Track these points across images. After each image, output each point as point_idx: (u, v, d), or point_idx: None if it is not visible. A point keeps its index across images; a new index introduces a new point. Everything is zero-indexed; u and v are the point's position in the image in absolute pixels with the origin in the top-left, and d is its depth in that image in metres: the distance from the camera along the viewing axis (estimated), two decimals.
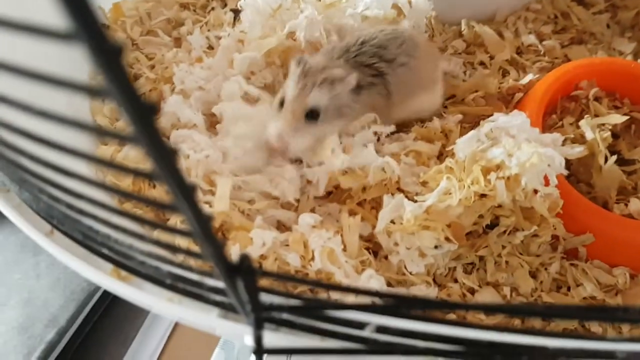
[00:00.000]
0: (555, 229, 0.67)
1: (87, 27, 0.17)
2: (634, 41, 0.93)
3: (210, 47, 0.95)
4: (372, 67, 0.73)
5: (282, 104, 0.69)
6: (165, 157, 0.23)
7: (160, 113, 0.80)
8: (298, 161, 0.73)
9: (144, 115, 0.21)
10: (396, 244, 0.65)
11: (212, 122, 0.82)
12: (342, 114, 0.70)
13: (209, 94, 0.83)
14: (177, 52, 0.92)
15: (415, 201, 0.65)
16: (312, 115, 0.68)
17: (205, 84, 0.83)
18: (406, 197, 0.67)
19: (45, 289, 0.98)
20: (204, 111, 0.82)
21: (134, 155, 0.73)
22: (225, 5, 1.05)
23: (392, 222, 0.65)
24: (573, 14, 0.98)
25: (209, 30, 0.98)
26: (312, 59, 0.71)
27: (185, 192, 0.25)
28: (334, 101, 0.68)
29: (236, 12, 0.98)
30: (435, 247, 0.64)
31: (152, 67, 0.93)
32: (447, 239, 0.63)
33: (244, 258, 0.30)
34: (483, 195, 0.63)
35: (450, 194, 0.63)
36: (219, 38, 0.92)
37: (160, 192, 0.71)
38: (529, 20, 0.98)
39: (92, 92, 0.21)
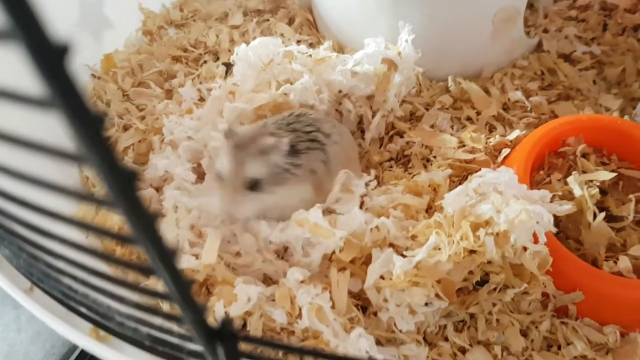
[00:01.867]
0: (545, 286, 0.67)
1: (65, 95, 0.17)
2: (620, 97, 0.95)
3: (202, 99, 0.96)
4: (310, 134, 0.74)
5: (220, 177, 0.68)
6: (144, 222, 0.22)
7: (148, 165, 0.80)
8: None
9: (123, 181, 0.20)
10: (385, 300, 0.64)
11: (201, 173, 0.82)
12: (284, 181, 0.69)
13: (198, 144, 0.83)
14: (167, 103, 0.93)
15: (405, 256, 0.64)
16: (253, 186, 0.67)
17: (195, 134, 0.84)
18: (395, 251, 0.66)
19: (25, 343, 0.95)
20: (192, 160, 0.82)
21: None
22: (218, 58, 1.07)
23: (382, 277, 0.64)
24: (560, 70, 1.00)
25: (200, 83, 0.99)
26: (241, 128, 0.71)
27: (165, 258, 0.24)
28: (272, 169, 0.68)
29: (228, 66, 1.00)
30: (426, 304, 0.62)
31: (143, 118, 0.93)
32: (437, 295, 0.62)
33: (225, 323, 0.30)
34: (472, 252, 0.62)
35: (439, 249, 0.63)
36: (210, 90, 0.93)
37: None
38: (516, 77, 1.00)
39: (69, 156, 0.21)
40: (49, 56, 0.16)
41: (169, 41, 1.10)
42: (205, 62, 1.06)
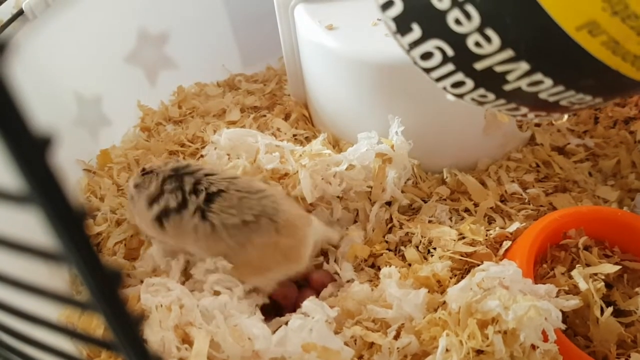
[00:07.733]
0: None
1: (44, 190, 0.16)
2: (617, 189, 0.94)
3: None
4: None
5: None
6: (126, 328, 0.20)
7: (139, 259, 0.77)
8: None
9: (105, 283, 0.18)
10: None
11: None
12: None
13: None
14: None
15: None
16: None
17: None
18: None
19: None
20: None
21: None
22: None
23: None
24: (554, 162, 1.00)
25: None
26: None
27: None
28: None
29: None
30: None
31: None
32: None
33: None
34: (480, 352, 0.59)
35: (447, 350, 0.59)
36: None
37: None
38: (511, 169, 1.00)
39: (48, 256, 0.19)
40: (29, 147, 0.15)
41: (166, 136, 1.11)
42: (202, 156, 1.07)
